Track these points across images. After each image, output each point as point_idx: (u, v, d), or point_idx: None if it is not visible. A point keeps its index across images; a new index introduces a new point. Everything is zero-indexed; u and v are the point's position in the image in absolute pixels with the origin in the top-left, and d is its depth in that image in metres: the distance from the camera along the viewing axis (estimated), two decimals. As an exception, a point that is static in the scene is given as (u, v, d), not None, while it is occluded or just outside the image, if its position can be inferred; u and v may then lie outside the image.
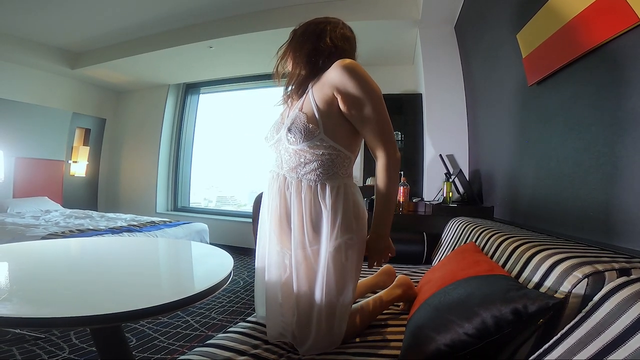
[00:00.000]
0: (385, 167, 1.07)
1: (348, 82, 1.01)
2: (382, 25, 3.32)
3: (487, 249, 1.32)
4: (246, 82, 5.16)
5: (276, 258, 1.11)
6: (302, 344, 1.05)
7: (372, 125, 1.05)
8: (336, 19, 1.19)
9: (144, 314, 0.78)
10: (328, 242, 1.02)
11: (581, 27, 1.24)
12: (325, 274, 1.03)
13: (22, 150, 4.56)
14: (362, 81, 1.01)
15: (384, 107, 1.05)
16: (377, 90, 1.04)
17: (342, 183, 1.07)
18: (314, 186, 1.05)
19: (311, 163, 1.05)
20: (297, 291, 1.06)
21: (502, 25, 2.09)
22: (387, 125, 1.06)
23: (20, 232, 2.79)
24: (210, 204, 5.83)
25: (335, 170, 1.06)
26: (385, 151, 1.06)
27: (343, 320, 1.06)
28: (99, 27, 4.07)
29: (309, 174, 1.05)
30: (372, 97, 1.02)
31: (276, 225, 1.11)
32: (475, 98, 2.84)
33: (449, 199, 2.58)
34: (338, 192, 1.05)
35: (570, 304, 0.72)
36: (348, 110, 1.04)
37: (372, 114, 1.03)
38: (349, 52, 1.16)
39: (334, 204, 1.04)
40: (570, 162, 1.41)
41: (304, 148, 1.04)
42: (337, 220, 1.03)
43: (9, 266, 1.15)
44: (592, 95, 1.25)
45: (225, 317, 2.37)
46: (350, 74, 1.01)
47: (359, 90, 1.01)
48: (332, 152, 1.06)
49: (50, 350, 1.75)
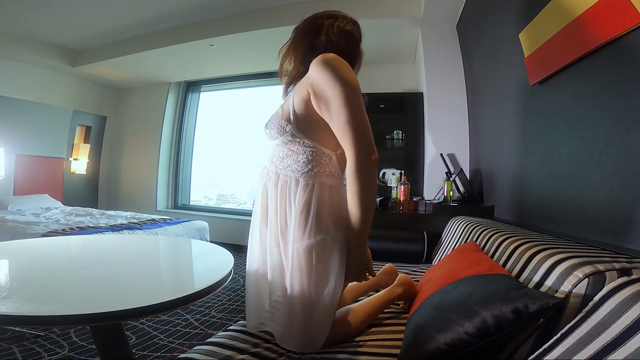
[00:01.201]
0: (353, 170, 0.96)
1: (318, 76, 0.97)
2: (384, 23, 3.31)
3: (487, 249, 1.32)
4: (247, 80, 5.15)
5: (258, 251, 1.12)
6: (280, 340, 1.04)
7: (340, 122, 0.96)
8: (336, 13, 1.17)
9: (144, 311, 0.78)
10: (298, 241, 1.00)
11: (584, 27, 1.24)
12: (295, 274, 1.01)
13: (23, 147, 4.56)
14: (332, 75, 0.95)
15: (355, 103, 0.96)
16: (349, 85, 0.96)
17: (317, 181, 1.03)
18: (289, 182, 1.05)
19: (288, 158, 1.06)
20: (270, 287, 1.06)
21: (504, 25, 2.09)
22: (358, 123, 0.96)
23: (20, 229, 2.80)
24: (210, 202, 5.83)
25: (311, 167, 1.04)
26: (353, 151, 0.96)
27: (323, 324, 1.02)
28: (99, 25, 4.06)
29: (286, 169, 1.06)
30: (340, 92, 0.95)
31: (259, 219, 1.12)
32: (477, 97, 2.84)
33: (449, 198, 2.58)
34: (312, 190, 1.02)
35: (570, 303, 0.72)
36: (317, 105, 1.00)
37: (340, 109, 0.95)
38: (345, 48, 1.12)
39: (305, 202, 1.01)
40: (571, 161, 1.40)
41: (280, 143, 1.06)
42: (308, 219, 1.00)
43: (9, 264, 1.14)
44: (594, 95, 1.25)
45: (226, 315, 2.38)
46: (321, 68, 0.97)
47: (327, 84, 0.96)
48: (308, 149, 1.04)
49: (50, 348, 1.75)
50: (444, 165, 2.78)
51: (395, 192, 2.87)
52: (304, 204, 1.01)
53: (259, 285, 1.10)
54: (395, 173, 3.54)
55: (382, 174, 3.74)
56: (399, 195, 2.80)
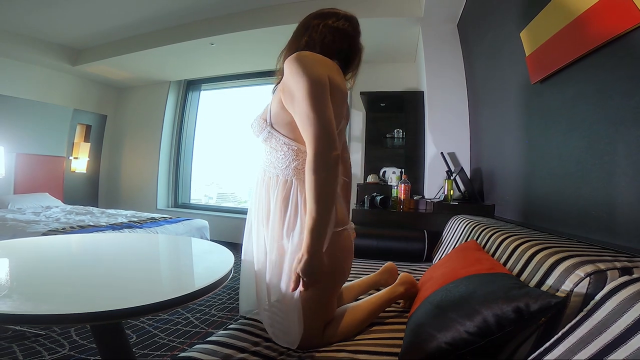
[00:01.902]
0: (310, 163, 0.92)
1: (287, 72, 0.99)
2: (385, 22, 3.31)
3: (488, 247, 1.32)
4: (247, 78, 5.15)
5: (250, 243, 1.15)
6: (267, 329, 1.08)
7: (302, 116, 0.95)
8: (329, 11, 1.17)
9: (144, 310, 0.78)
10: (277, 238, 1.04)
11: (585, 25, 1.24)
12: (271, 271, 1.04)
13: (23, 146, 4.56)
14: (297, 70, 0.96)
15: (318, 97, 0.94)
16: (312, 79, 0.94)
17: (296, 178, 1.04)
18: (272, 178, 1.08)
19: (270, 155, 1.10)
20: (256, 278, 1.10)
21: (505, 24, 2.08)
22: (319, 117, 0.92)
23: (21, 228, 2.80)
24: (210, 201, 5.83)
25: (289, 163, 1.06)
26: (313, 145, 0.92)
27: (302, 325, 1.01)
28: (99, 24, 4.06)
29: (269, 166, 1.10)
30: (303, 86, 0.94)
31: (253, 215, 1.15)
32: (477, 96, 2.83)
33: (450, 196, 2.58)
34: (290, 187, 1.04)
35: (571, 302, 0.72)
36: (285, 100, 1.01)
37: (302, 103, 0.94)
38: (330, 43, 1.12)
39: (284, 198, 1.04)
40: (572, 160, 1.40)
41: (262, 140, 1.10)
42: (285, 216, 1.03)
43: (9, 262, 1.14)
44: (596, 94, 1.24)
45: (226, 314, 2.38)
46: (289, 64, 0.98)
47: (292, 79, 0.97)
48: (285, 146, 1.06)
49: (50, 347, 1.75)
50: (445, 164, 2.77)
51: (395, 191, 2.87)
52: (282, 201, 1.04)
53: (246, 276, 1.16)
54: (396, 172, 3.54)
55: (383, 172, 3.75)
56: (399, 194, 2.80)
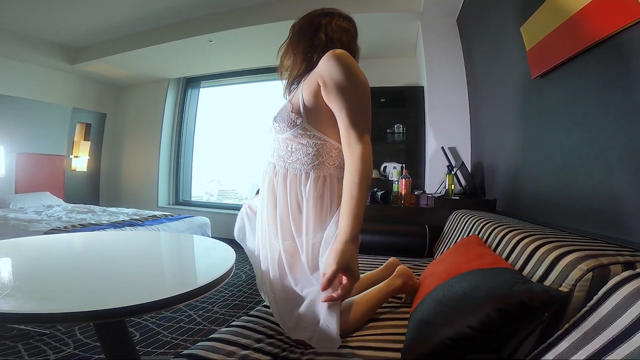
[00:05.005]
0: (360, 154, 0.96)
1: (331, 69, 1.00)
2: (384, 17, 3.29)
3: (490, 242, 1.32)
4: (246, 75, 5.14)
5: (267, 244, 1.14)
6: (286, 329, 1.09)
7: (347, 113, 0.98)
8: (332, 10, 1.19)
9: (147, 308, 0.78)
10: (313, 233, 1.04)
11: (587, 20, 1.23)
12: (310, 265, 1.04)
13: (23, 145, 4.56)
14: (345, 69, 0.98)
15: (363, 99, 1.00)
16: (359, 81, 1.00)
17: (328, 173, 1.07)
18: (298, 175, 1.07)
19: (297, 152, 1.08)
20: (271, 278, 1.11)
21: (505, 18, 2.07)
22: (362, 117, 0.99)
23: (22, 227, 2.80)
24: (211, 198, 5.84)
25: (321, 160, 1.07)
26: (361, 140, 0.97)
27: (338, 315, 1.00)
28: (97, 22, 4.04)
29: (295, 163, 1.08)
30: (351, 86, 0.98)
31: (267, 213, 1.13)
32: (478, 91, 2.82)
33: (451, 191, 2.57)
34: (324, 183, 1.06)
35: (574, 297, 0.72)
36: (327, 96, 1.02)
37: (348, 102, 0.98)
38: (346, 44, 1.15)
39: (319, 195, 1.04)
40: (574, 154, 1.40)
41: (289, 137, 1.08)
42: (322, 211, 1.04)
43: (11, 262, 1.14)
44: (598, 88, 1.24)
45: (228, 311, 2.38)
46: (335, 62, 0.99)
47: (339, 77, 0.98)
48: (318, 142, 1.06)
49: (55, 346, 1.76)
50: (446, 159, 2.77)
51: (396, 186, 2.86)
52: (318, 197, 1.05)
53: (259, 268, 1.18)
54: (397, 167, 3.53)
55: (383, 167, 3.73)
56: (400, 189, 2.79)
